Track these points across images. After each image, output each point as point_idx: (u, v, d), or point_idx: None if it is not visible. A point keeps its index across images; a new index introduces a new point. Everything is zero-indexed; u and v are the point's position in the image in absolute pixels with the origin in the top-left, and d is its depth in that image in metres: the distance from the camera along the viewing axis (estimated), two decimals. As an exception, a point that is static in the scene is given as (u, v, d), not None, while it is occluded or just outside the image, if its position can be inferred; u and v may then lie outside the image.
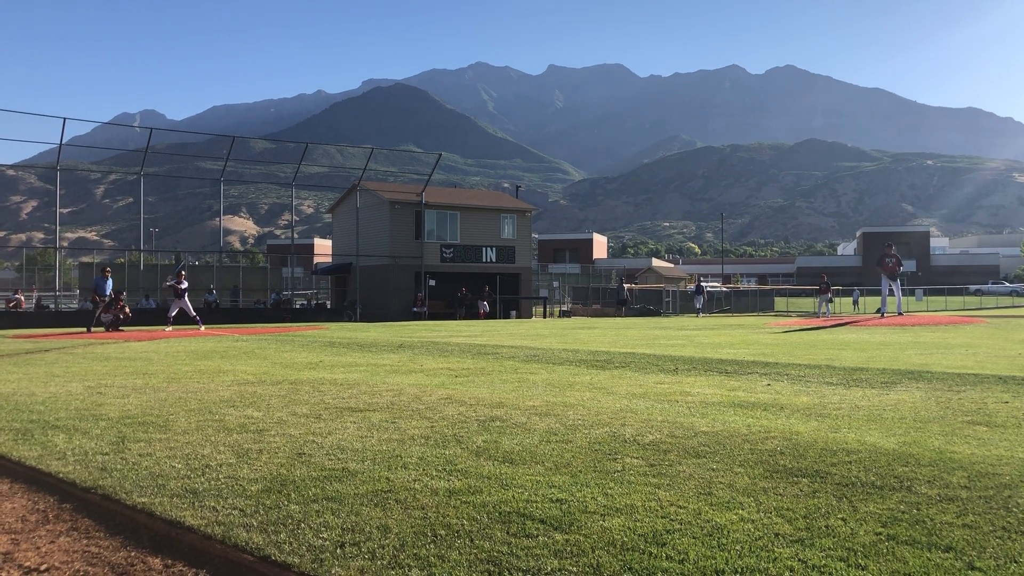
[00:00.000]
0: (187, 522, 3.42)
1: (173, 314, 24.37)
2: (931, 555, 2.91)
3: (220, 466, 4.36)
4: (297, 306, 42.49)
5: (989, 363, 9.62)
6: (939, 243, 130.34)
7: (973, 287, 69.06)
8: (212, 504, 3.64)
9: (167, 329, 23.22)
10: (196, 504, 3.66)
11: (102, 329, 23.36)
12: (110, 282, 23.96)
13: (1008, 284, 77.42)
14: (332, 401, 6.86)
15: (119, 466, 4.41)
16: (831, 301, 33.49)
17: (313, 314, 38.63)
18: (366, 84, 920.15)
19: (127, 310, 24.80)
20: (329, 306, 44.01)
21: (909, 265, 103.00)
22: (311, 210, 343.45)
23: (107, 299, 23.82)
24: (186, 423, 5.79)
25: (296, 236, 71.84)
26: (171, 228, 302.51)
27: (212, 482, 4.02)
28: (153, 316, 30.58)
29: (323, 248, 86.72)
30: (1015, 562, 2.84)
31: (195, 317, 24.22)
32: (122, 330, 23.13)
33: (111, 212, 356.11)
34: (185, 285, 24.61)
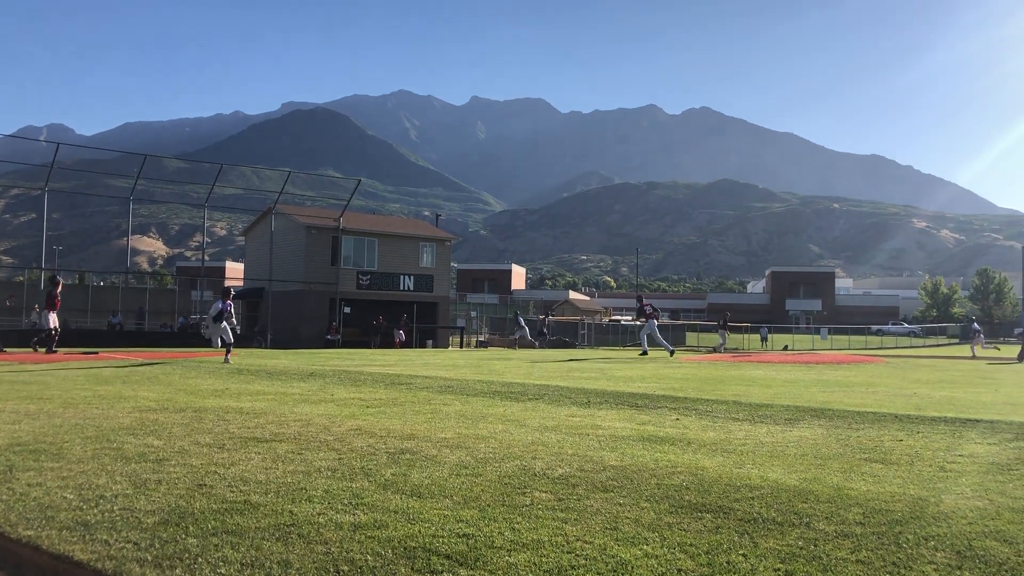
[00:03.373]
0: (76, 556, 3.27)
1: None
2: (826, 591, 2.98)
3: (115, 497, 4.19)
4: (203, 332, 41.37)
5: (887, 401, 10.00)
6: (844, 284, 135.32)
7: (875, 327, 71.95)
8: (104, 537, 3.49)
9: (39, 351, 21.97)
10: (87, 537, 3.50)
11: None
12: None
13: (907, 325, 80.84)
14: (237, 431, 6.67)
15: (5, 497, 4.19)
16: (726, 336, 34.59)
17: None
18: (286, 107, 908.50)
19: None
20: (239, 331, 42.95)
21: (815, 305, 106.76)
22: (224, 232, 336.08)
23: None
24: (81, 451, 5.54)
25: (207, 258, 70.17)
26: (76, 246, 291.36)
27: (106, 514, 3.86)
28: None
29: (235, 271, 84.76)
30: (904, 598, 2.93)
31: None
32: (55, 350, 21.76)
33: (11, 228, 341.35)
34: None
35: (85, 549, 3.35)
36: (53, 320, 21.97)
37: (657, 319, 26.69)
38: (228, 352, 18.59)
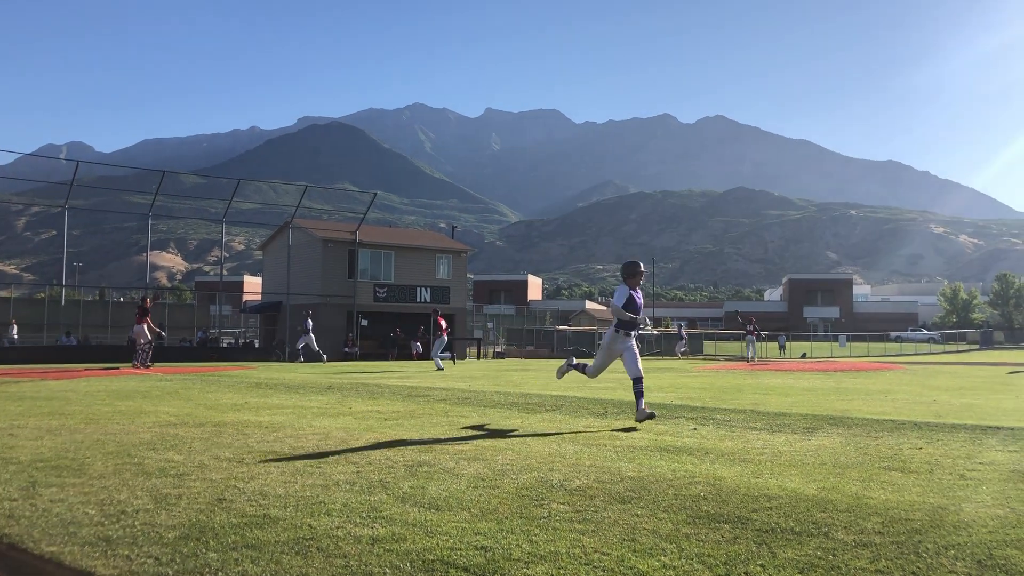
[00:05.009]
0: (98, 572, 3.31)
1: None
2: (845, 601, 2.98)
3: (136, 512, 4.23)
4: (224, 345, 41.60)
5: (906, 409, 9.94)
6: (861, 291, 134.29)
7: (894, 334, 71.35)
8: (126, 553, 3.53)
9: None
10: (109, 553, 3.53)
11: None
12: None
13: (926, 331, 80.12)
14: (256, 445, 6.72)
15: (28, 513, 4.24)
16: (756, 344, 34.06)
17: (241, 353, 37.85)
18: (302, 121, 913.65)
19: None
20: (257, 345, 43.20)
21: (833, 312, 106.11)
22: (242, 247, 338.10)
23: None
24: (103, 467, 5.60)
25: (225, 273, 70.64)
26: (96, 263, 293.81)
27: (127, 529, 3.90)
28: (74, 354, 29.56)
29: (253, 286, 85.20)
30: (924, 607, 2.92)
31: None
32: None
33: (32, 245, 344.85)
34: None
35: (107, 564, 3.38)
36: (144, 334, 22.58)
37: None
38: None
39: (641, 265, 8.52)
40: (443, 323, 23.52)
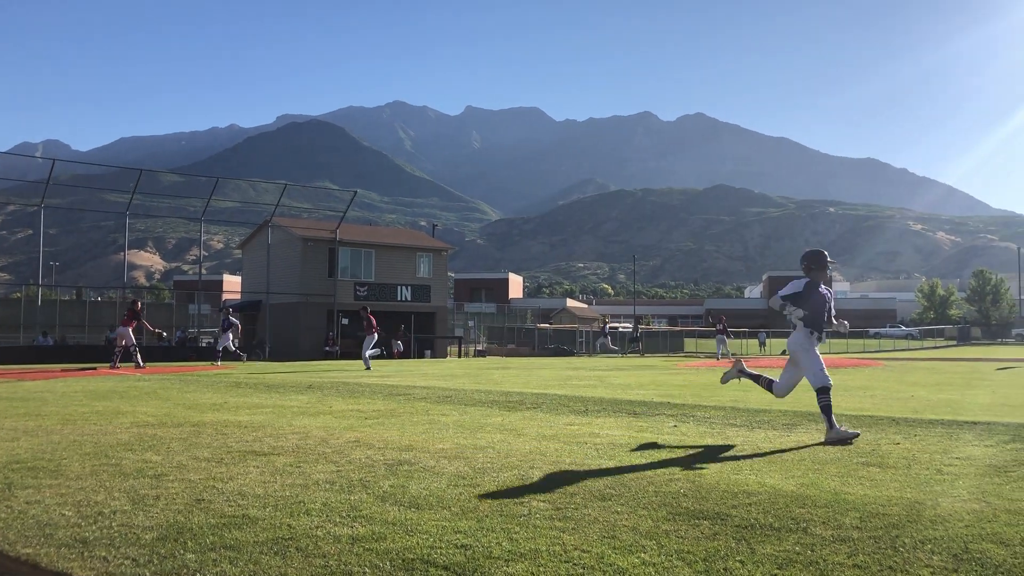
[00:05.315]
0: (75, 573, 3.28)
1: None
2: (823, 596, 3.00)
3: (114, 513, 4.19)
4: (203, 344, 41.32)
5: (884, 405, 10.03)
6: (840, 287, 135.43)
7: (873, 331, 71.96)
8: (103, 554, 3.50)
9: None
10: (86, 554, 3.50)
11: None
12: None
13: (904, 328, 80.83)
14: (235, 444, 6.68)
15: (3, 515, 4.19)
16: (725, 342, 34.19)
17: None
18: (281, 119, 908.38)
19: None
20: (236, 345, 42.90)
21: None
22: (221, 245, 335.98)
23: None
24: (80, 468, 5.54)
25: (204, 272, 70.18)
26: (73, 262, 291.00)
27: (104, 530, 3.86)
28: (51, 354, 29.26)
29: (232, 284, 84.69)
30: (900, 601, 2.94)
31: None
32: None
33: (8, 244, 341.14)
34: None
35: (84, 566, 3.35)
36: (129, 335, 22.54)
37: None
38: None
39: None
40: (373, 320, 23.30)
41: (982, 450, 6.24)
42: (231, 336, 26.32)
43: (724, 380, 8.42)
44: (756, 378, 7.91)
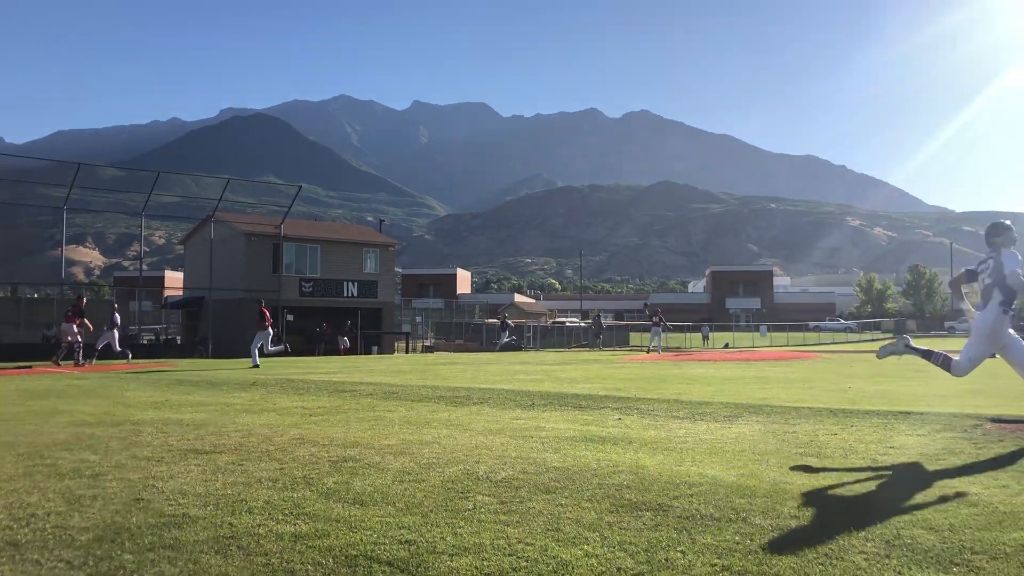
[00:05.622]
0: (6, 578, 3.20)
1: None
2: (760, 583, 3.06)
3: (48, 515, 4.09)
4: (145, 342, 40.48)
5: (823, 396, 10.25)
6: (781, 282, 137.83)
7: (812, 324, 73.51)
8: (35, 557, 3.42)
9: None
10: (17, 558, 3.42)
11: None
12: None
13: (842, 321, 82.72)
14: (176, 443, 6.56)
15: (-69, 518, 4.07)
16: (661, 335, 34.36)
17: (161, 350, 36.88)
18: (224, 112, 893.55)
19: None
20: (179, 342, 42.15)
21: (754, 303, 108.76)
22: (162, 241, 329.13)
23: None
24: (13, 469, 5.40)
25: (145, 268, 68.68)
26: (6, 258, 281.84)
27: (37, 532, 3.77)
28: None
29: (174, 281, 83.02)
30: (834, 587, 3.02)
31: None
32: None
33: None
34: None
35: (15, 570, 3.27)
36: (73, 332, 22.19)
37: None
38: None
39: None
40: (267, 314, 22.97)
41: (915, 439, 6.42)
42: (116, 335, 24.71)
43: (881, 355, 7.73)
44: (928, 354, 7.16)
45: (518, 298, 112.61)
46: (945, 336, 67.18)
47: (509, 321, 43.49)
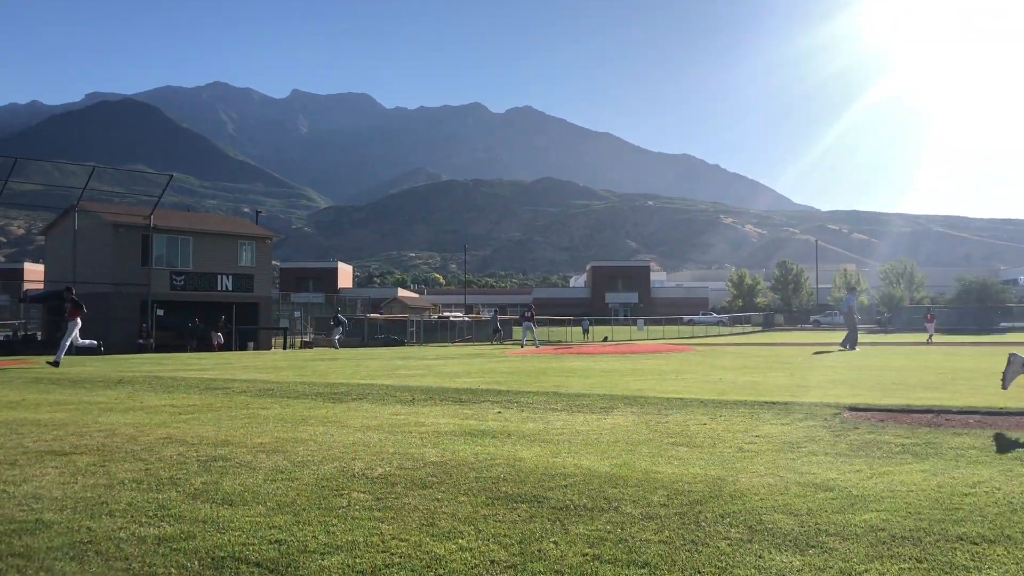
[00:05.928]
0: None
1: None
2: (629, 572, 3.14)
3: None
4: (1, 338, 38.11)
5: (695, 387, 10.60)
6: (658, 277, 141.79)
7: (686, 317, 76.08)
8: None
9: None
10: None
11: None
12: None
13: (715, 315, 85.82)
14: (32, 444, 6.20)
15: None
16: (532, 329, 34.82)
17: (20, 347, 34.80)
18: (90, 97, 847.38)
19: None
20: (40, 338, 39.87)
21: (632, 297, 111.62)
22: (22, 231, 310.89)
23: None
24: None
25: (2, 259, 64.66)
26: None
27: None
28: None
29: (35, 273, 78.49)
30: (699, 572, 3.13)
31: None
32: None
33: None
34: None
35: None
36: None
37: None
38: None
39: None
40: (81, 304, 20.42)
41: (779, 428, 6.72)
42: None
43: (1007, 385, 7.88)
44: None
45: (401, 293, 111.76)
46: (811, 330, 70.70)
47: (342, 316, 42.69)
